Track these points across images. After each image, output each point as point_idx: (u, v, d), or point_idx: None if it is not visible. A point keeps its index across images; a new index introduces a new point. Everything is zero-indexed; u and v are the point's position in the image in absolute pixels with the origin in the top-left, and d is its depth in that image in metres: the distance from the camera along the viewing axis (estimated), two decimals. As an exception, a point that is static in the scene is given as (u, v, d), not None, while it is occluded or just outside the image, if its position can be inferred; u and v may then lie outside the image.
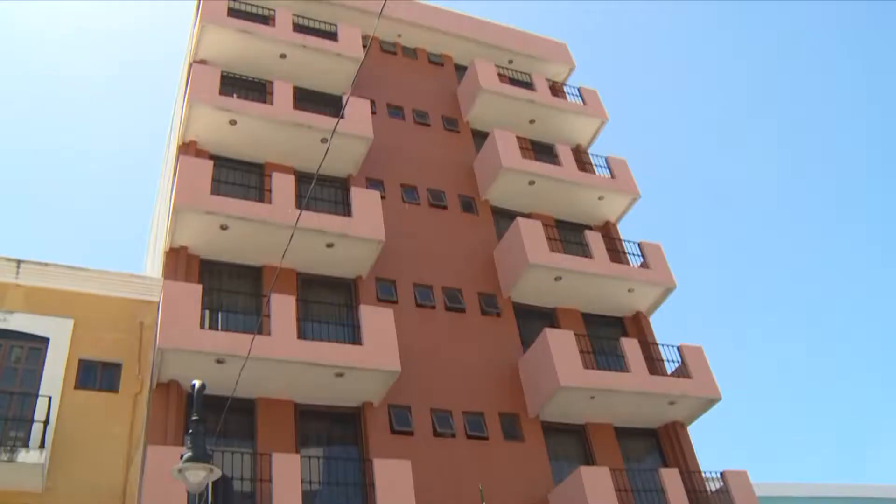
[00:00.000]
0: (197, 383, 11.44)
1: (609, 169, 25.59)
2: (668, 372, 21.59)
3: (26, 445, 14.51)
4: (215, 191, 19.08)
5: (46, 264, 17.22)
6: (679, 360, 21.65)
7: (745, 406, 63.87)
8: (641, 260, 23.57)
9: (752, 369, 65.21)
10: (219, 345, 16.20)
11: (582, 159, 25.96)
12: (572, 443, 20.44)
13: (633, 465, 20.48)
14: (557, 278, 21.75)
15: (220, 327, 17.75)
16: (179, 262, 18.43)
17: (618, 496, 18.05)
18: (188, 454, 10.42)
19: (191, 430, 10.71)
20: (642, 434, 21.54)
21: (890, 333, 66.36)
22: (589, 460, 19.97)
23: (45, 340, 16.47)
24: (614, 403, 20.18)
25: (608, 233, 25.02)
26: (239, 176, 20.75)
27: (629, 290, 22.79)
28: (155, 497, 13.94)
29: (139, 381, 16.70)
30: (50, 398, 15.38)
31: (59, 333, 16.62)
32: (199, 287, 17.05)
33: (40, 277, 17.10)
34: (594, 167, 25.66)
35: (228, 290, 18.72)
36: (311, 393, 17.60)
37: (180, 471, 10.38)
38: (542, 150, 25.97)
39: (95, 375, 16.57)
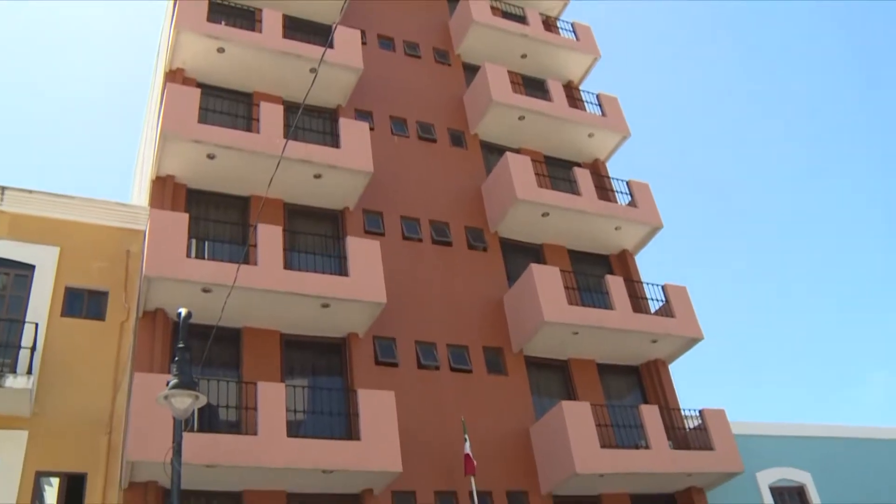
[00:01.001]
0: (183, 311, 11.51)
1: (600, 106, 25.45)
2: (652, 311, 21.80)
3: (14, 371, 14.62)
4: (202, 119, 18.88)
5: (31, 191, 17.11)
6: (663, 299, 21.85)
7: (726, 347, 64.70)
8: (629, 198, 23.61)
9: (735, 310, 65.92)
10: (205, 274, 16.22)
11: (573, 96, 25.77)
12: (555, 378, 20.73)
13: (614, 401, 20.81)
14: (545, 214, 21.78)
15: (206, 257, 17.73)
16: (166, 190, 18.34)
17: (598, 431, 18.36)
18: (174, 381, 10.54)
19: (177, 358, 10.80)
20: (624, 371, 21.85)
21: (870, 277, 67.06)
22: (571, 395, 20.27)
23: (31, 268, 16.46)
24: (597, 340, 20.41)
25: (597, 170, 24.99)
26: (227, 105, 20.53)
27: (616, 228, 22.86)
28: (141, 424, 14.08)
29: (126, 309, 16.75)
30: (36, 325, 15.44)
31: (44, 261, 16.60)
32: (186, 216, 16.99)
33: (25, 205, 17.00)
34: (585, 104, 25.50)
35: (215, 219, 18.67)
36: (296, 323, 17.72)
37: (166, 397, 10.50)
38: (533, 86, 25.76)
39: (82, 303, 16.61)
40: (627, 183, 23.81)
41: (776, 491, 22.19)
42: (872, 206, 68.08)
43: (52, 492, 14.80)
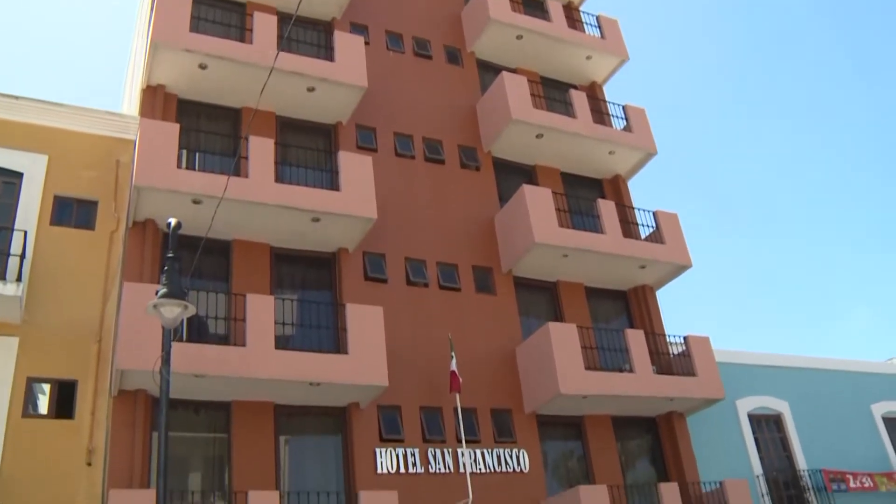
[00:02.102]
0: (173, 221, 11.45)
1: (599, 28, 25.03)
2: (642, 236, 21.84)
3: (3, 278, 14.58)
4: (194, 28, 18.49)
5: (19, 97, 16.83)
6: (654, 225, 21.87)
7: (714, 276, 65.14)
8: (625, 123, 23.42)
9: (725, 242, 66.17)
10: (195, 185, 16.12)
11: (573, 17, 25.29)
12: (543, 299, 20.87)
13: (600, 324, 21.00)
14: (539, 136, 21.62)
15: (197, 168, 17.59)
16: (157, 100, 18.08)
17: (583, 353, 18.57)
18: (163, 290, 10.52)
19: (166, 268, 10.77)
20: (612, 295, 21.99)
21: (860, 213, 67.25)
22: (558, 317, 20.44)
23: (20, 175, 16.30)
24: (587, 263, 20.49)
25: (593, 94, 24.73)
26: (220, 14, 20.07)
27: (610, 153, 22.74)
28: (131, 333, 14.16)
29: (115, 219, 16.67)
30: (25, 233, 15.35)
31: (33, 169, 16.43)
32: (177, 126, 16.80)
33: (13, 111, 16.74)
34: (584, 25, 25.06)
35: (206, 130, 18.47)
36: (287, 237, 17.70)
37: (155, 307, 10.50)
38: (532, 5, 25.23)
39: (71, 212, 16.51)
40: (623, 107, 23.61)
41: (754, 418, 22.65)
42: (866, 142, 67.85)
43: (44, 398, 14.98)
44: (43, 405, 14.90)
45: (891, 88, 65.86)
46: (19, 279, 14.65)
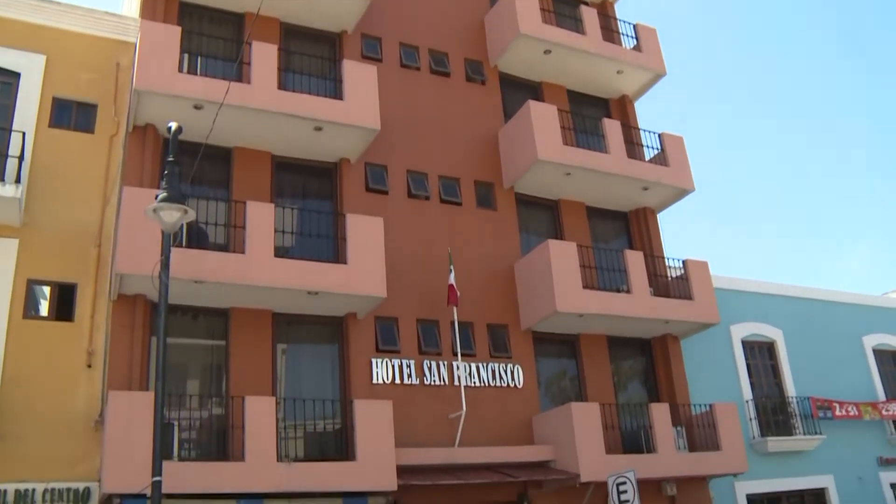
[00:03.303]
0: (173, 125, 11.31)
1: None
2: (647, 158, 21.67)
3: (2, 179, 14.46)
4: (194, -74, 17.97)
5: (13, -6, 16.42)
6: (659, 147, 21.68)
7: (716, 203, 65.02)
8: (635, 42, 22.97)
9: (729, 169, 65.81)
10: (197, 89, 15.87)
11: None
12: (544, 217, 20.82)
13: (600, 244, 20.98)
14: (546, 51, 21.24)
15: (198, 72, 17.30)
16: (158, 1, 17.67)
17: (582, 272, 18.61)
18: (163, 194, 10.46)
19: (166, 172, 10.69)
20: (613, 216, 21.94)
21: (863, 144, 66.70)
22: (558, 235, 20.41)
23: (17, 76, 15.99)
24: (589, 183, 20.36)
25: (604, 11, 24.16)
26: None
27: (618, 72, 22.38)
28: (130, 237, 14.12)
29: (115, 123, 16.47)
30: (24, 134, 15.14)
31: (31, 69, 16.10)
32: (178, 29, 16.44)
33: (9, 8, 16.31)
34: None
35: (209, 34, 18.09)
36: (288, 145, 17.53)
37: (155, 210, 10.44)
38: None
39: (70, 115, 16.28)
40: (634, 26, 23.12)
41: (748, 345, 22.88)
42: (870, 72, 66.85)
43: (44, 300, 15.05)
44: (43, 307, 15.00)
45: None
46: (18, 181, 14.55)
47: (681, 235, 61.05)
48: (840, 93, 67.61)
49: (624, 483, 14.96)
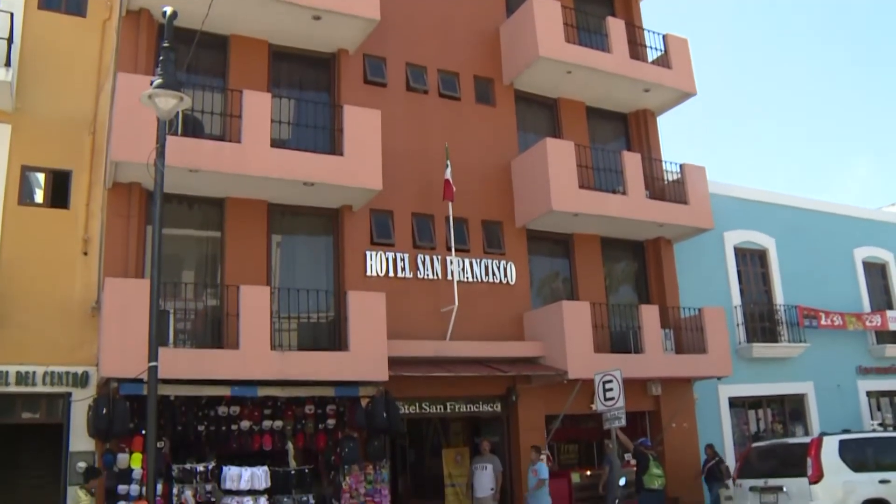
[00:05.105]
0: (168, 10, 11.04)
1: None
2: (650, 60, 21.32)
3: (-9, 62, 14.22)
4: None
5: None
6: (662, 49, 21.32)
7: (717, 111, 64.36)
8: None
9: (731, 78, 64.87)
10: (191, -27, 15.43)
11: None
12: (542, 115, 20.61)
13: (598, 145, 20.83)
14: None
15: (193, -44, 16.76)
16: None
17: (578, 171, 18.56)
18: (158, 81, 10.30)
19: (161, 58, 10.50)
20: (612, 117, 21.72)
21: (864, 59, 65.60)
22: (556, 134, 20.22)
23: (3, -47, 15.52)
24: (590, 82, 20.08)
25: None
26: None
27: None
28: (125, 124, 13.94)
29: (108, 6, 16.08)
30: (12, 15, 14.74)
31: (19, -54, 15.61)
32: None
33: None
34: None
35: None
36: (286, 34, 17.14)
37: (150, 97, 10.30)
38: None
39: (60, -3, 15.89)
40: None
41: (740, 251, 23.03)
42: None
43: (39, 188, 15.01)
44: (38, 194, 14.97)
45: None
46: (8, 63, 14.27)
47: (680, 141, 60.66)
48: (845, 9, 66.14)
49: (610, 381, 15.26)
